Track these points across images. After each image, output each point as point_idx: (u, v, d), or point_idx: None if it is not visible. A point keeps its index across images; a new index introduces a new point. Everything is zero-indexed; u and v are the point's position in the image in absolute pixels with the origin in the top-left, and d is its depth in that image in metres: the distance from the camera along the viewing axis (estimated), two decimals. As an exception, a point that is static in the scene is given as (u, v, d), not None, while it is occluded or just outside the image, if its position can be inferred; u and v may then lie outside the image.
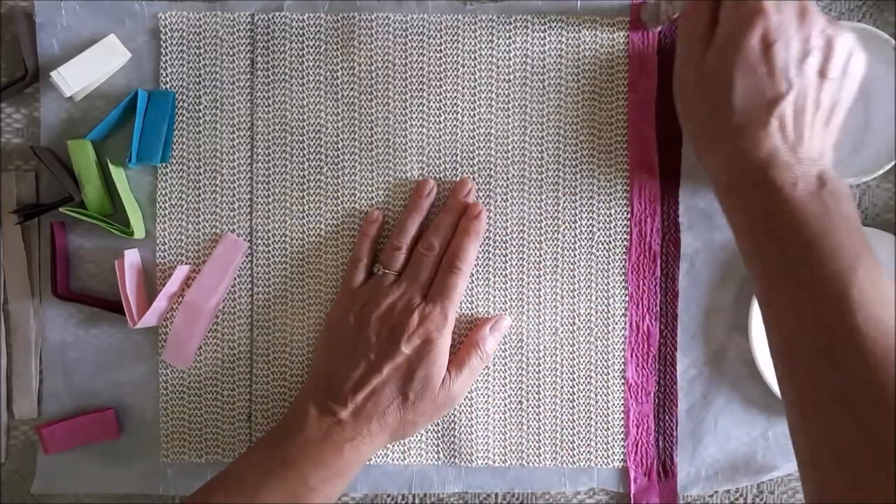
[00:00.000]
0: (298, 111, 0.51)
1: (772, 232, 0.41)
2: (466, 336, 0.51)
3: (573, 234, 0.52)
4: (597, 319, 0.52)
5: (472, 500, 0.53)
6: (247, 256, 0.51)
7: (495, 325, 0.51)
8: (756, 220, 0.42)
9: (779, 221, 0.40)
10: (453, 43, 0.51)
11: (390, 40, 0.51)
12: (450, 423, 0.52)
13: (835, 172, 0.42)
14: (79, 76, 0.49)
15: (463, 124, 0.51)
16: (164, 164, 0.51)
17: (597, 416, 0.52)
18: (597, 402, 0.52)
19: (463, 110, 0.51)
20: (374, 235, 0.51)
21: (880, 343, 0.37)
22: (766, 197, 0.41)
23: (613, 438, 0.52)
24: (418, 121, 0.51)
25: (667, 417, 0.52)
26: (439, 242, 0.49)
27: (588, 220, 0.52)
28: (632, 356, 0.52)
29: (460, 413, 0.52)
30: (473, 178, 0.51)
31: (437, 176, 0.51)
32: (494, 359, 0.52)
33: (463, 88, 0.51)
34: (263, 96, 0.51)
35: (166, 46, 0.51)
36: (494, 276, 0.52)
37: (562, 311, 0.52)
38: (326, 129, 0.51)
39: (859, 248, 0.39)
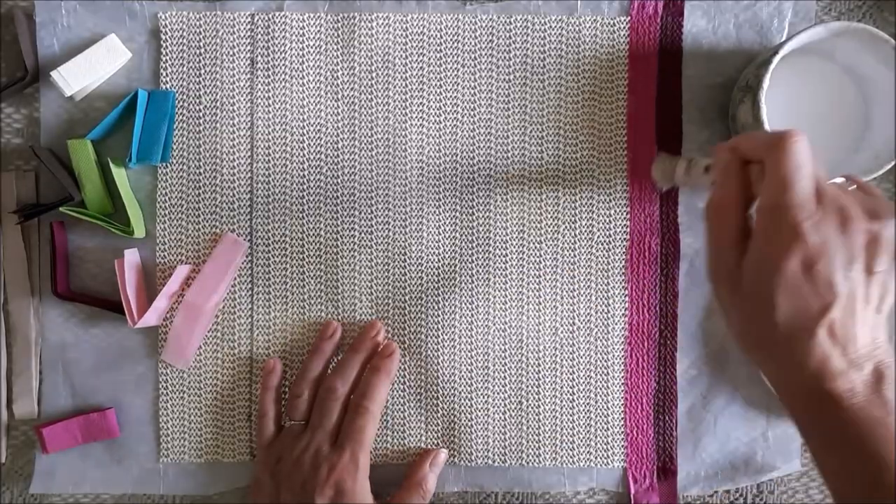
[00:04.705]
0: (298, 111, 0.51)
1: (835, 443, 0.38)
2: (406, 474, 0.50)
3: (573, 234, 0.52)
4: (597, 319, 0.52)
5: (472, 499, 0.53)
6: (247, 256, 0.51)
7: (434, 461, 0.51)
8: (819, 427, 0.39)
9: (841, 435, 0.38)
10: (453, 43, 0.51)
11: (390, 40, 0.51)
12: (450, 423, 0.52)
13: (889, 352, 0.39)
14: (79, 76, 0.49)
15: (463, 124, 0.51)
16: (164, 164, 0.51)
17: (597, 416, 0.52)
18: (596, 401, 0.52)
19: (463, 110, 0.51)
20: (276, 385, 0.50)
21: None
22: (824, 408, 0.38)
23: (613, 438, 0.52)
24: (418, 121, 0.51)
25: (666, 417, 0.52)
26: (343, 383, 0.49)
27: (588, 220, 0.52)
28: (632, 356, 0.52)
29: (460, 413, 0.52)
30: (473, 178, 0.51)
31: (437, 176, 0.51)
32: (495, 359, 0.52)
33: (463, 88, 0.51)
34: (263, 96, 0.51)
35: (166, 46, 0.51)
36: (494, 276, 0.52)
37: (562, 311, 0.52)
38: (326, 129, 0.51)
39: None
